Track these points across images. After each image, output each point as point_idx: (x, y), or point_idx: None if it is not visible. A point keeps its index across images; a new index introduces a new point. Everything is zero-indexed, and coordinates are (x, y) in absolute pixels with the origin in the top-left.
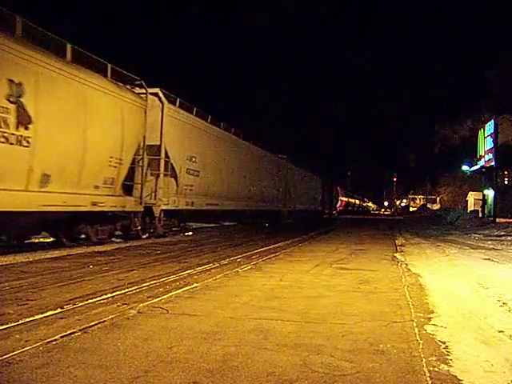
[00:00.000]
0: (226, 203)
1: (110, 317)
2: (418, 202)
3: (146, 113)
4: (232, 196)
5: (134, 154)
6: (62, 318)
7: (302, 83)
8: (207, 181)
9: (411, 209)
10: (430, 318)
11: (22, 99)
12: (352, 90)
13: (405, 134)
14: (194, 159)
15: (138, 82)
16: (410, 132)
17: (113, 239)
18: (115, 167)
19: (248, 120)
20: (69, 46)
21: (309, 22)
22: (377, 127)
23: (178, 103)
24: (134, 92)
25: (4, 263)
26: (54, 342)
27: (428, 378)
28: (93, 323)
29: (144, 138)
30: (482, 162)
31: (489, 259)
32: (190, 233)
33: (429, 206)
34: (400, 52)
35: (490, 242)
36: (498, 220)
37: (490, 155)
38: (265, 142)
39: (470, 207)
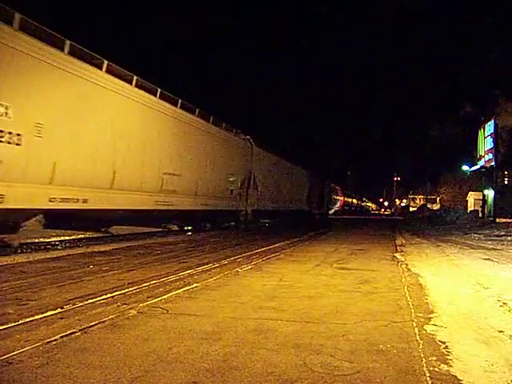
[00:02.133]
0: (105, 198)
1: (110, 317)
2: (418, 202)
3: None
4: (121, 186)
5: None
6: (61, 318)
7: (302, 83)
8: (43, 153)
9: (411, 209)
10: (429, 318)
11: None
12: (352, 89)
13: (405, 133)
14: None
15: None
16: (410, 131)
17: None
18: None
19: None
20: None
21: (308, 20)
22: (377, 127)
23: None
24: None
25: (4, 263)
26: (53, 342)
27: (428, 378)
28: (93, 323)
29: None
30: (482, 162)
31: (489, 259)
32: (190, 232)
33: (429, 206)
34: (400, 49)
35: (489, 242)
36: (498, 220)
37: (490, 155)
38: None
39: (470, 207)
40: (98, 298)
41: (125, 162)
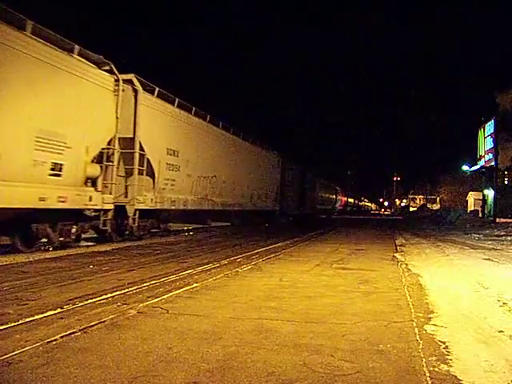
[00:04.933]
0: None
1: (110, 317)
2: (417, 202)
3: None
4: None
5: None
6: (61, 318)
7: (302, 85)
8: None
9: (411, 209)
10: (429, 318)
11: None
12: (351, 89)
13: (405, 133)
14: None
15: None
16: (410, 131)
17: None
18: None
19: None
20: None
21: (308, 20)
22: (377, 127)
23: None
24: None
25: (4, 263)
26: (53, 342)
27: (428, 378)
28: (93, 323)
29: None
30: (481, 162)
31: (489, 259)
32: (191, 232)
33: (429, 205)
34: (401, 48)
35: (489, 242)
36: (497, 220)
37: (490, 155)
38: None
39: (470, 207)
40: (98, 298)
41: None
